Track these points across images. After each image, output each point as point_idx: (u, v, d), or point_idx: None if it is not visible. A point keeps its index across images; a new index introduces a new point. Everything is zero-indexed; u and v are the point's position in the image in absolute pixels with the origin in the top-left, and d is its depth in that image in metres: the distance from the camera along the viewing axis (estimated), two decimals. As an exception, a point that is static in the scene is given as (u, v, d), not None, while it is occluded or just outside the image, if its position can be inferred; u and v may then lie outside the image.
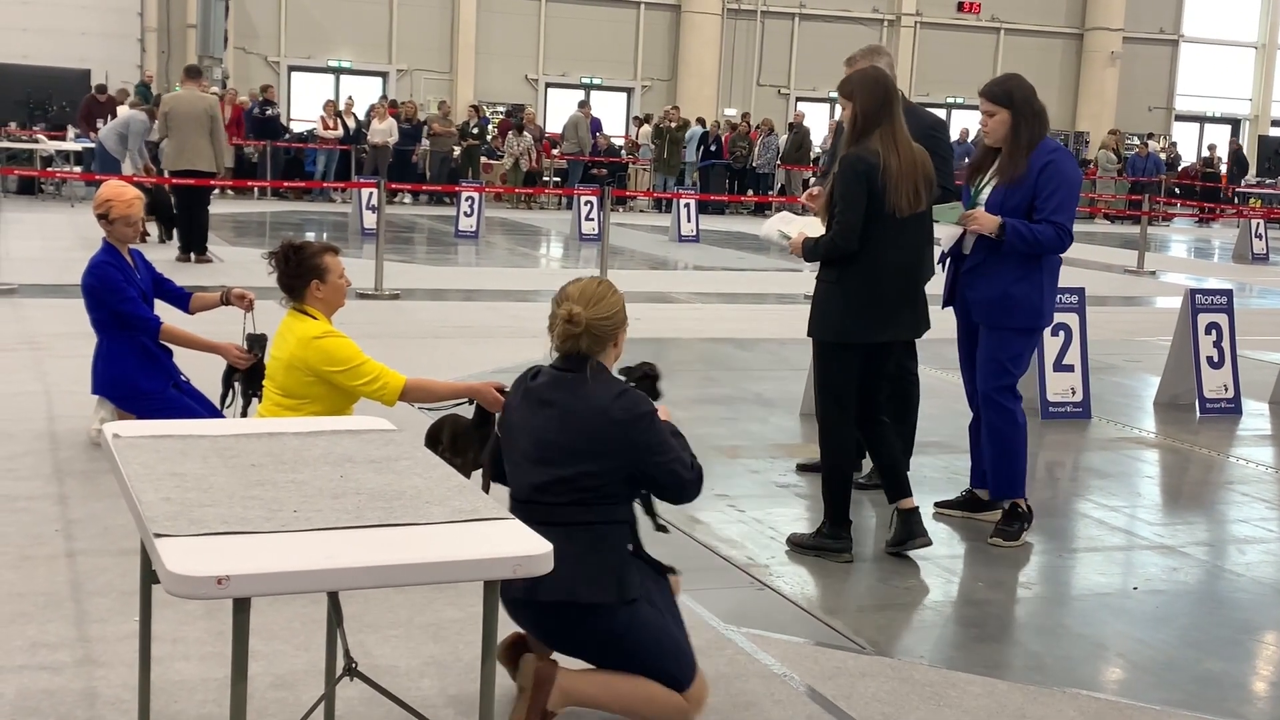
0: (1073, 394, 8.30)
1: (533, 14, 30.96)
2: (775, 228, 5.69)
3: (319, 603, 4.21)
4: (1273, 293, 17.14)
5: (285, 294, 5.35)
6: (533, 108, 29.26)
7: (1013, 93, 5.48)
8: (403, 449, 3.27)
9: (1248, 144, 36.31)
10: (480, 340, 10.22)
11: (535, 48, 31.22)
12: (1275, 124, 37.37)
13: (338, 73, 30.06)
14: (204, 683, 3.84)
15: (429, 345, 9.79)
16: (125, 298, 6.27)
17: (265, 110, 24.38)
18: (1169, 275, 18.45)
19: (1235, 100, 37.52)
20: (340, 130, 24.53)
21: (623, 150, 28.25)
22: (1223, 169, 32.06)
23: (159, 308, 6.52)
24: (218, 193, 20.95)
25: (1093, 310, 8.89)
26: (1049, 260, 5.56)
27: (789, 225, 5.60)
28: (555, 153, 26.76)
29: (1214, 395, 8.73)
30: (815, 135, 27.96)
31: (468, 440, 4.73)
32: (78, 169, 20.86)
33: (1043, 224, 5.39)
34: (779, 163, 27.12)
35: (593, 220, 19.32)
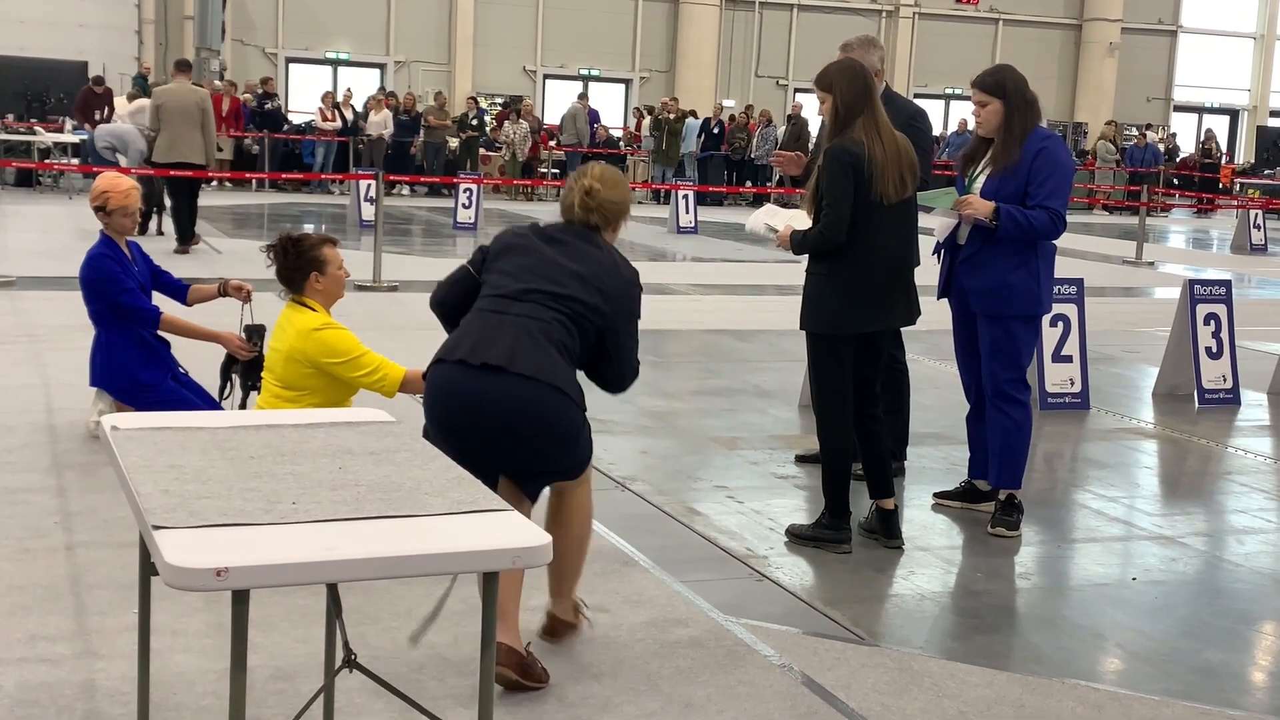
0: (1071, 385, 8.31)
1: (531, 5, 30.92)
2: (762, 220, 5.67)
3: (318, 594, 4.22)
4: (1271, 283, 17.15)
5: (284, 286, 5.35)
6: (531, 99, 29.23)
7: (1005, 83, 5.50)
8: (402, 441, 3.26)
9: (1245, 135, 36.32)
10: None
11: (533, 39, 31.19)
12: (1274, 114, 37.35)
13: (335, 64, 30.03)
14: (203, 674, 3.84)
15: (428, 337, 9.76)
16: (123, 289, 6.26)
17: (265, 103, 24.36)
18: (1168, 266, 18.46)
19: (1234, 91, 37.49)
20: (338, 122, 24.50)
21: (620, 142, 28.22)
22: (1223, 159, 32.05)
23: (157, 299, 6.51)
24: (214, 184, 20.95)
25: (1091, 301, 8.89)
26: (1044, 247, 5.57)
27: (775, 218, 5.60)
28: (552, 144, 26.73)
29: (1212, 386, 8.73)
30: (814, 126, 27.92)
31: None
32: (75, 161, 20.84)
33: (1036, 209, 5.40)
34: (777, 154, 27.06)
35: (591, 212, 19.28)
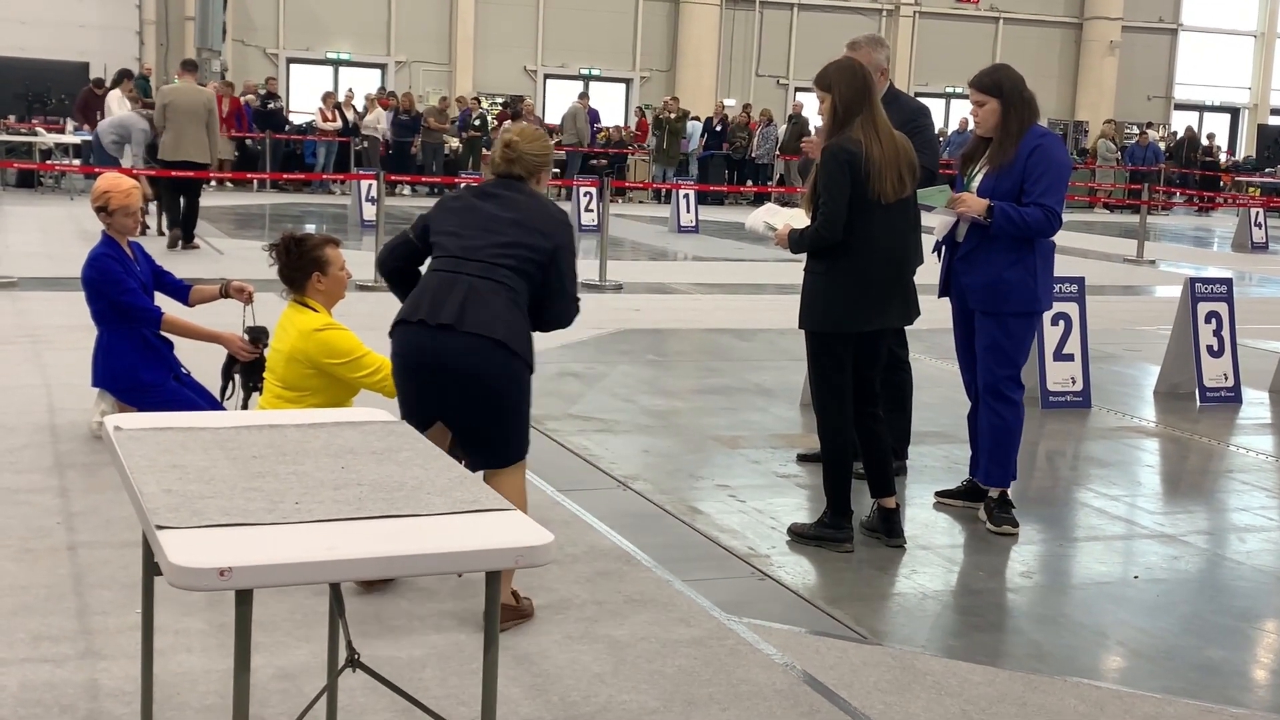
0: (1073, 383, 8.31)
1: (531, 5, 30.89)
2: (761, 219, 5.69)
3: (321, 594, 4.22)
4: (1272, 281, 17.14)
5: (286, 286, 5.35)
6: (531, 99, 29.22)
7: (1001, 82, 5.52)
8: (404, 440, 3.27)
9: (1246, 133, 36.27)
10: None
11: (534, 39, 31.16)
12: (1275, 113, 37.31)
13: (336, 65, 30.01)
14: (206, 674, 3.85)
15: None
16: (125, 289, 6.26)
17: (268, 103, 24.36)
18: (1169, 264, 18.46)
19: (1234, 89, 37.46)
20: (339, 122, 24.50)
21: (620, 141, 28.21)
22: (1222, 157, 32.02)
23: (159, 300, 6.52)
24: (214, 185, 20.94)
25: (1092, 299, 8.89)
26: (1041, 244, 5.57)
27: (775, 217, 5.61)
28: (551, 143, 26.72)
29: (1214, 384, 8.73)
30: (814, 125, 27.90)
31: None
32: (76, 162, 20.83)
33: (1031, 206, 5.41)
34: (778, 153, 27.10)
35: (592, 211, 19.31)
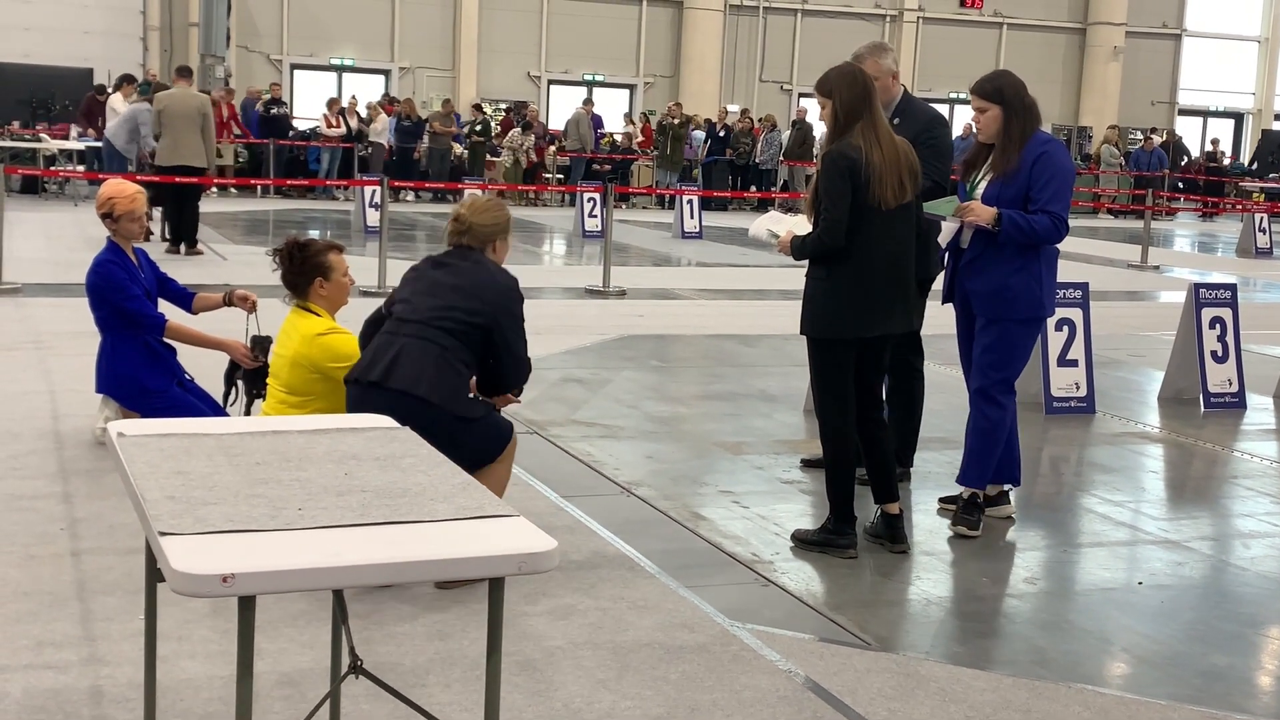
0: (1077, 389, 8.30)
1: (535, 11, 30.94)
2: (765, 226, 5.69)
3: (324, 600, 4.22)
4: (1277, 287, 17.13)
5: (289, 291, 5.36)
6: (535, 104, 29.25)
7: (1003, 89, 5.52)
8: (407, 446, 3.27)
9: (1250, 138, 36.25)
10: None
11: (538, 45, 31.20)
12: (1278, 118, 37.31)
13: (340, 70, 30.06)
14: (209, 680, 3.85)
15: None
16: (129, 295, 6.27)
17: (271, 109, 24.40)
18: (1173, 270, 18.44)
19: (1238, 95, 37.46)
20: (343, 128, 24.54)
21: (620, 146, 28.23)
22: (1225, 162, 32.03)
23: (162, 306, 6.52)
24: (215, 191, 20.97)
25: (1097, 305, 8.88)
26: (1046, 251, 5.57)
27: (778, 224, 5.61)
28: (552, 149, 26.75)
29: (1218, 390, 8.72)
30: (818, 131, 27.93)
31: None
32: (81, 168, 20.85)
33: (1038, 214, 5.41)
34: (782, 159, 27.10)
35: (595, 217, 19.31)
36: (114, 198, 6.38)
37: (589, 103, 27.55)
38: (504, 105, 29.85)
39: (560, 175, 26.82)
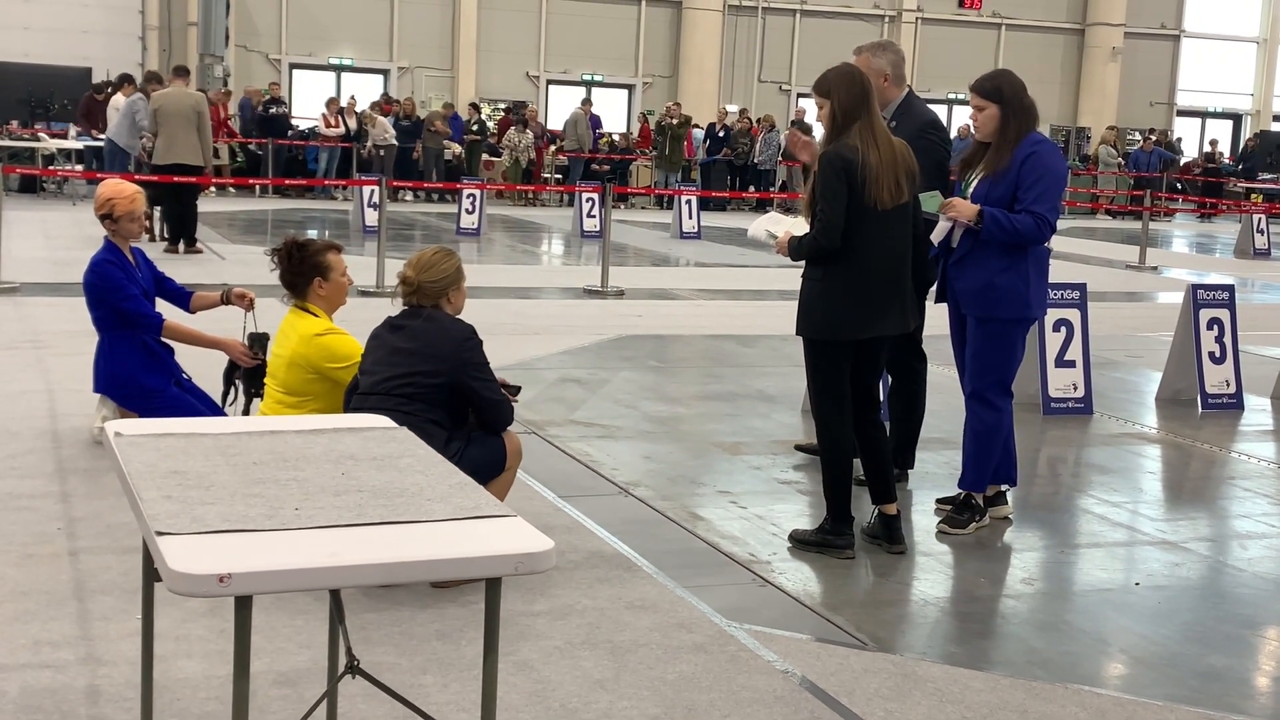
0: (1074, 390, 8.30)
1: (534, 11, 30.92)
2: (763, 227, 5.69)
3: (321, 600, 4.22)
4: (1274, 288, 17.14)
5: (287, 291, 5.36)
6: (534, 104, 29.24)
7: (1002, 87, 5.52)
8: (405, 446, 3.27)
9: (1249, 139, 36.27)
10: (481, 337, 10.20)
11: (536, 44, 31.18)
12: (1277, 119, 37.31)
13: (339, 70, 30.05)
14: (206, 680, 3.85)
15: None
16: (127, 295, 6.27)
17: (270, 109, 24.39)
18: (1171, 270, 18.45)
19: (1237, 95, 37.47)
20: (342, 128, 24.53)
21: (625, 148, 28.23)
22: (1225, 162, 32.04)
23: (160, 306, 6.52)
24: (213, 190, 20.96)
25: (1094, 306, 8.88)
26: (1035, 251, 5.57)
27: (777, 225, 5.61)
28: (551, 149, 26.75)
29: (1216, 390, 8.73)
30: (817, 132, 27.88)
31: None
32: (79, 167, 20.84)
33: (1022, 214, 5.41)
34: (780, 159, 27.10)
35: (594, 217, 19.31)
36: (113, 198, 6.38)
37: (587, 103, 27.55)
38: (502, 105, 29.85)
39: (559, 175, 26.81)
